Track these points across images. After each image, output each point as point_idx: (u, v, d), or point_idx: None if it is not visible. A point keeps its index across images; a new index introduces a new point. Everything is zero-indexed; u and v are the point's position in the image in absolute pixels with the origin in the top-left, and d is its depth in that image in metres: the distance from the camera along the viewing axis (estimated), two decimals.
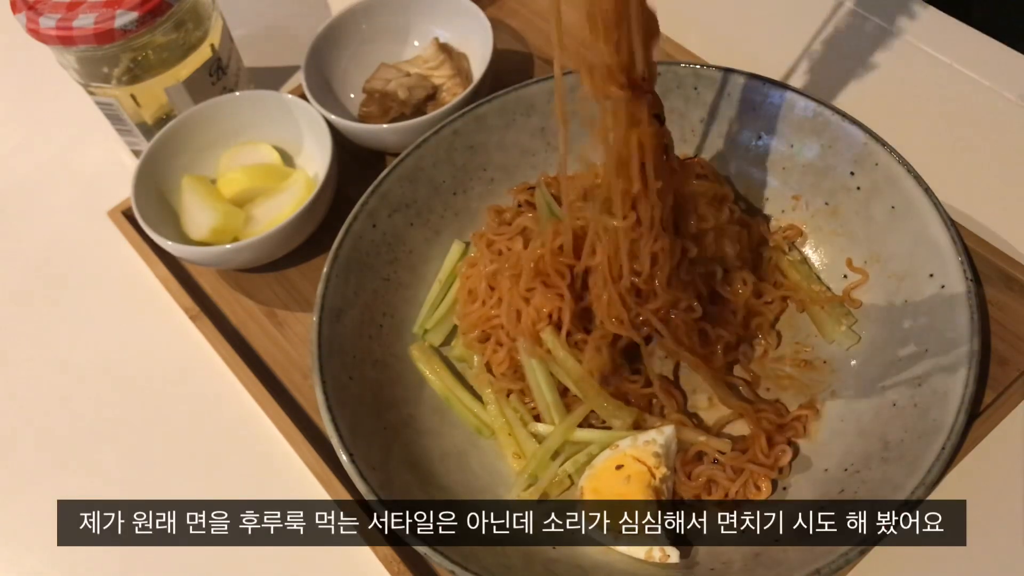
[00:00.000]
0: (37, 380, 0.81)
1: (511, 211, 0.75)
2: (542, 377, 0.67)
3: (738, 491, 0.63)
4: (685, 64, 0.75)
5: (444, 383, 0.71)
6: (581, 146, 0.61)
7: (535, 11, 0.98)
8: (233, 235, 0.80)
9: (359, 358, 0.69)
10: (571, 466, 0.66)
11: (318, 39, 0.88)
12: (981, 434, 0.64)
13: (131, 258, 0.85)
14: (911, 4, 0.92)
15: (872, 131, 0.69)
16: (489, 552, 0.60)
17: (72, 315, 0.85)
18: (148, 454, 0.75)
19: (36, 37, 0.77)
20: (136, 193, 0.79)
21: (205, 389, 0.77)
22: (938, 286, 0.63)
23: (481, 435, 0.70)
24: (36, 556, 0.72)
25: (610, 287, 0.64)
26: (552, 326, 0.67)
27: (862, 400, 0.65)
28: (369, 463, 0.61)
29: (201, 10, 0.83)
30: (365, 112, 0.88)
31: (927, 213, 0.65)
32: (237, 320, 0.81)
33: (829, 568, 0.54)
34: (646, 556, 0.61)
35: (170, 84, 0.83)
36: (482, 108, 0.76)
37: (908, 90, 0.85)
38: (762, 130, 0.74)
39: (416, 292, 0.76)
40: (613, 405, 0.66)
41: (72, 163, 0.97)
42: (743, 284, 0.70)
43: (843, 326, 0.69)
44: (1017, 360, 0.68)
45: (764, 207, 0.76)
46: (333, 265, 0.70)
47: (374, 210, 0.73)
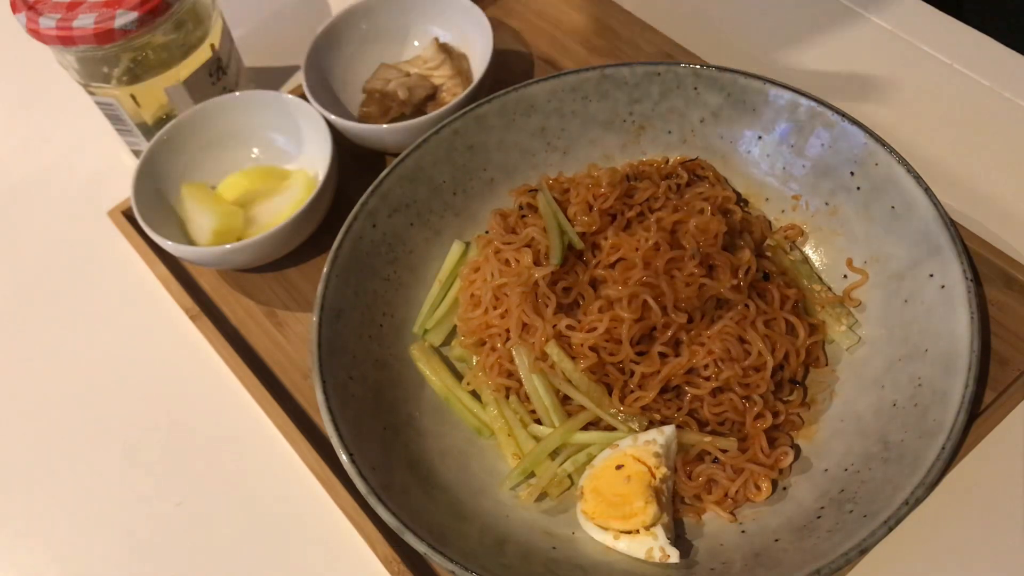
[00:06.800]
0: (37, 380, 0.81)
1: (514, 215, 0.75)
2: (541, 386, 0.67)
3: (738, 491, 0.63)
4: (685, 64, 0.75)
5: (444, 383, 0.71)
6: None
7: (535, 11, 0.98)
8: (237, 236, 0.80)
9: (359, 358, 0.69)
10: (571, 466, 0.66)
11: (318, 39, 0.88)
12: (981, 434, 0.64)
13: (131, 258, 0.85)
14: (911, 4, 0.92)
15: (872, 131, 0.69)
16: (489, 552, 0.60)
17: (72, 315, 0.85)
18: (148, 453, 0.75)
19: (36, 37, 0.77)
20: (136, 193, 0.79)
21: (205, 389, 0.78)
22: (938, 286, 0.63)
23: (481, 435, 0.70)
24: (36, 555, 0.72)
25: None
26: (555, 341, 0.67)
27: (862, 400, 0.65)
28: (369, 463, 0.61)
29: (201, 10, 0.83)
30: (365, 112, 0.88)
31: (927, 213, 0.65)
32: (237, 320, 0.81)
33: (829, 568, 0.54)
34: (646, 556, 0.61)
35: (170, 84, 0.83)
36: (482, 108, 0.76)
37: (908, 90, 0.85)
38: (762, 130, 0.74)
39: (416, 292, 0.76)
40: (626, 414, 0.66)
41: (72, 163, 0.97)
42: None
43: (843, 326, 0.69)
44: (1017, 360, 0.68)
45: (764, 207, 0.76)
46: (333, 265, 0.70)
47: (374, 210, 0.73)
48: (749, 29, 0.93)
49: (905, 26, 0.90)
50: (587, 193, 0.72)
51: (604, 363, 0.67)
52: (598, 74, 0.77)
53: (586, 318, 0.67)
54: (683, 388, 0.67)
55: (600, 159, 0.80)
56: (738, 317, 0.67)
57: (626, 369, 0.67)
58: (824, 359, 0.69)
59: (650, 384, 0.66)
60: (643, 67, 0.76)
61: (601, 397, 0.67)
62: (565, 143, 0.79)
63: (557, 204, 0.73)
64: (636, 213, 0.72)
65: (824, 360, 0.69)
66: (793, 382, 0.68)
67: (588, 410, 0.67)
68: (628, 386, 0.67)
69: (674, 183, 0.74)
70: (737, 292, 0.68)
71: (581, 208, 0.72)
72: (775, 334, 0.67)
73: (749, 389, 0.66)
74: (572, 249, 0.71)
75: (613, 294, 0.67)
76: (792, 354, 0.68)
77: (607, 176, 0.73)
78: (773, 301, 0.69)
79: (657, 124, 0.78)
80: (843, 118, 0.70)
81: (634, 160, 0.79)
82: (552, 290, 0.69)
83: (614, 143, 0.79)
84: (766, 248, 0.73)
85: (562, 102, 0.78)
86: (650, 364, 0.66)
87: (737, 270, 0.68)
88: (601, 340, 0.66)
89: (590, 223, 0.71)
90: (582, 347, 0.67)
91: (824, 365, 0.69)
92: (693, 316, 0.67)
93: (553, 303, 0.68)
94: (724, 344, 0.66)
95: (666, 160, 0.78)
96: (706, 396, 0.66)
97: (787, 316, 0.68)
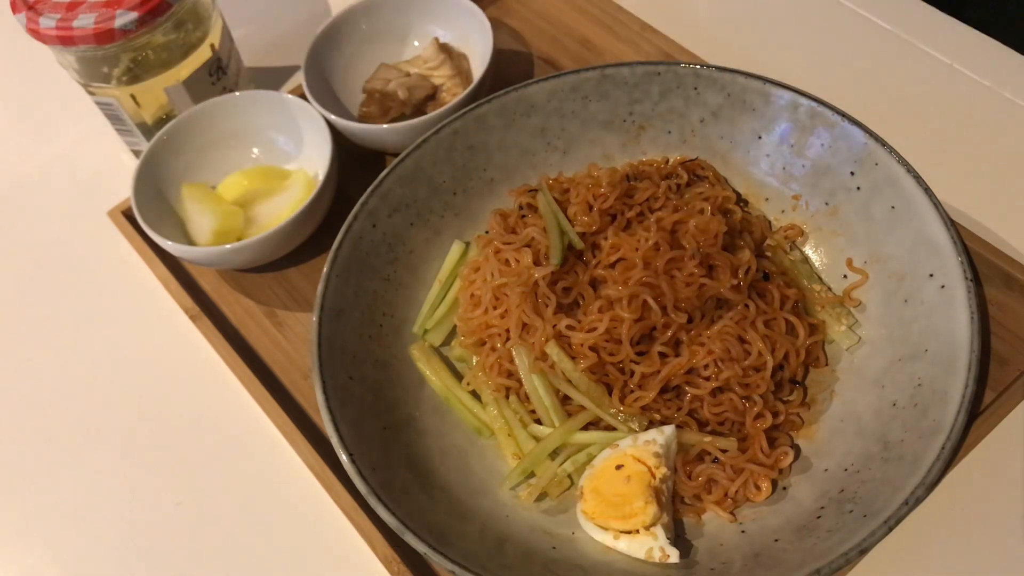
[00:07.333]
0: (37, 380, 0.81)
1: (514, 215, 0.75)
2: (541, 386, 0.67)
3: (738, 491, 0.63)
4: (685, 64, 0.75)
5: (444, 383, 0.71)
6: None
7: (535, 11, 0.98)
8: (237, 236, 0.80)
9: (359, 358, 0.69)
10: (571, 466, 0.66)
11: (318, 39, 0.88)
12: (981, 434, 0.64)
13: (131, 258, 0.85)
14: (911, 4, 0.92)
15: (872, 131, 0.69)
16: (489, 552, 0.60)
17: (72, 315, 0.85)
18: (148, 454, 0.75)
19: (36, 37, 0.77)
20: (136, 193, 0.79)
21: (205, 389, 0.78)
22: (938, 286, 0.63)
23: (481, 435, 0.70)
24: (36, 555, 0.72)
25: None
26: (555, 341, 0.67)
27: (862, 400, 0.65)
28: (369, 463, 0.61)
29: (201, 10, 0.83)
30: (365, 112, 0.88)
31: (927, 213, 0.65)
32: (237, 320, 0.81)
33: (829, 568, 0.54)
34: (646, 556, 0.61)
35: (170, 84, 0.83)
36: (482, 108, 0.76)
37: (908, 90, 0.85)
38: (762, 130, 0.74)
39: (416, 292, 0.75)
40: (626, 414, 0.66)
41: (72, 163, 0.97)
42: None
43: (843, 326, 0.69)
44: (1017, 360, 0.68)
45: (764, 207, 0.76)
46: (333, 265, 0.70)
47: (374, 210, 0.73)
48: (749, 29, 0.93)
49: (905, 26, 0.90)
50: (587, 193, 0.72)
51: (604, 363, 0.67)
52: (598, 74, 0.77)
53: (586, 318, 0.67)
54: (683, 388, 0.67)
55: (600, 159, 0.80)
56: (738, 317, 0.67)
57: (626, 369, 0.67)
58: (824, 359, 0.69)
59: (650, 384, 0.66)
60: (643, 67, 0.76)
61: (601, 397, 0.67)
62: (565, 143, 0.79)
63: (557, 204, 0.73)
64: (636, 213, 0.72)
65: (824, 360, 0.69)
66: (793, 382, 0.68)
67: (588, 410, 0.67)
68: (628, 386, 0.67)
69: (674, 183, 0.74)
70: (737, 292, 0.68)
71: (581, 208, 0.72)
72: (775, 334, 0.67)
73: (749, 389, 0.66)
74: (572, 249, 0.71)
75: (613, 294, 0.67)
76: (792, 354, 0.68)
77: (607, 176, 0.73)
78: (773, 301, 0.69)
79: (657, 124, 0.78)
80: (843, 118, 0.70)
81: (634, 160, 0.79)
82: (552, 290, 0.69)
83: (614, 143, 0.79)
84: (766, 248, 0.73)
85: (562, 102, 0.78)
86: (650, 364, 0.66)
87: (737, 270, 0.68)
88: (601, 340, 0.66)
89: (590, 223, 0.71)
90: (582, 347, 0.67)
91: (824, 365, 0.69)
92: (693, 316, 0.67)
93: (553, 303, 0.68)
94: (724, 344, 0.66)
95: (666, 160, 0.78)
96: (706, 396, 0.66)
97: (787, 316, 0.68)
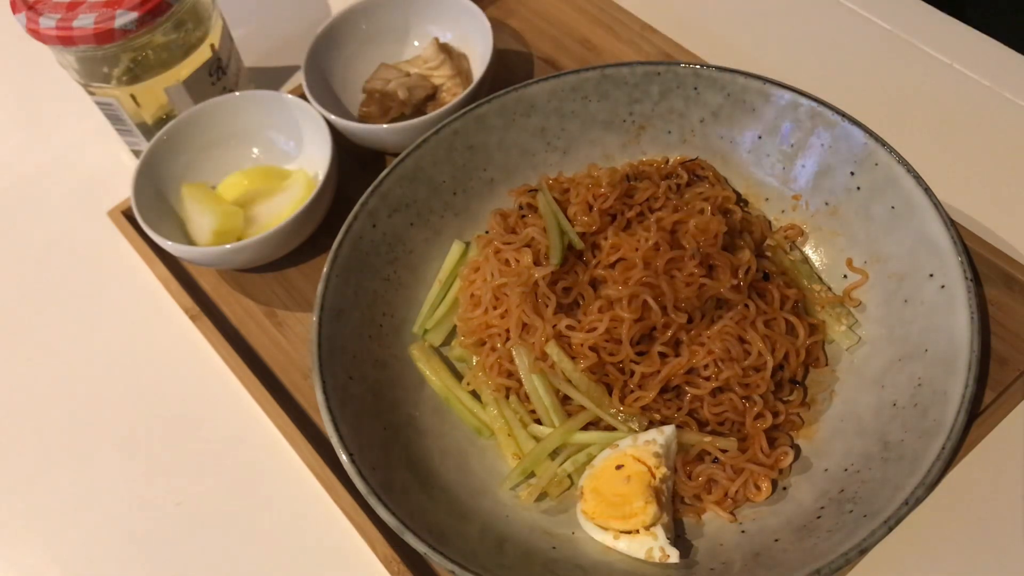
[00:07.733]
0: (37, 379, 0.81)
1: (514, 215, 0.75)
2: (541, 386, 0.67)
3: (738, 491, 0.63)
4: (685, 64, 0.75)
5: (444, 383, 0.71)
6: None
7: (535, 11, 0.98)
8: (237, 236, 0.80)
9: (359, 358, 0.69)
10: (571, 466, 0.66)
11: (318, 39, 0.88)
12: (981, 434, 0.65)
13: (131, 258, 0.85)
14: (911, 4, 0.92)
15: (872, 131, 0.69)
16: (489, 552, 0.60)
17: (72, 315, 0.85)
18: (148, 454, 0.75)
19: (36, 37, 0.77)
20: (136, 193, 0.79)
21: (205, 389, 0.78)
22: (938, 286, 0.63)
23: (481, 435, 0.70)
24: (37, 555, 0.72)
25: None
26: (555, 341, 0.67)
27: (862, 400, 0.65)
28: (369, 463, 0.61)
29: (201, 10, 0.83)
30: (365, 112, 0.88)
31: (927, 213, 0.65)
32: (237, 320, 0.81)
33: (829, 568, 0.54)
34: (646, 556, 0.61)
35: (170, 84, 0.83)
36: (482, 108, 0.76)
37: (908, 90, 0.85)
38: (762, 130, 0.74)
39: (416, 292, 0.75)
40: (626, 414, 0.66)
41: (72, 163, 0.97)
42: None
43: (843, 326, 0.69)
44: (1017, 360, 0.68)
45: (764, 207, 0.76)
46: (333, 265, 0.70)
47: (374, 210, 0.73)
48: (749, 29, 0.93)
49: (905, 26, 0.90)
50: (587, 193, 0.72)
51: (604, 363, 0.67)
52: (598, 74, 0.77)
53: (586, 318, 0.67)
54: (683, 388, 0.67)
55: (600, 159, 0.80)
56: (738, 317, 0.67)
57: (626, 369, 0.67)
58: (824, 359, 0.69)
59: (650, 384, 0.66)
60: (643, 67, 0.76)
61: (601, 397, 0.67)
62: (565, 143, 0.79)
63: (557, 204, 0.73)
64: (636, 213, 0.72)
65: (824, 360, 0.69)
66: (793, 382, 0.68)
67: (588, 410, 0.67)
68: (628, 386, 0.67)
69: (674, 183, 0.74)
70: (737, 292, 0.68)
71: (581, 208, 0.72)
72: (775, 334, 0.67)
73: (749, 389, 0.66)
74: (572, 249, 0.71)
75: (613, 294, 0.67)
76: (792, 354, 0.68)
77: (607, 176, 0.73)
78: (773, 301, 0.69)
79: (657, 124, 0.78)
80: (843, 118, 0.70)
81: (634, 160, 0.79)
82: (552, 290, 0.69)
83: (614, 143, 0.79)
84: (766, 248, 0.73)
85: (562, 102, 0.78)
86: (650, 364, 0.66)
87: (737, 270, 0.68)
88: (601, 340, 0.66)
89: (590, 223, 0.71)
90: (582, 347, 0.67)
91: (824, 365, 0.69)
92: (693, 316, 0.67)
93: (553, 303, 0.68)
94: (724, 344, 0.66)
95: (666, 160, 0.78)
96: (706, 396, 0.66)
97: (787, 316, 0.68)
